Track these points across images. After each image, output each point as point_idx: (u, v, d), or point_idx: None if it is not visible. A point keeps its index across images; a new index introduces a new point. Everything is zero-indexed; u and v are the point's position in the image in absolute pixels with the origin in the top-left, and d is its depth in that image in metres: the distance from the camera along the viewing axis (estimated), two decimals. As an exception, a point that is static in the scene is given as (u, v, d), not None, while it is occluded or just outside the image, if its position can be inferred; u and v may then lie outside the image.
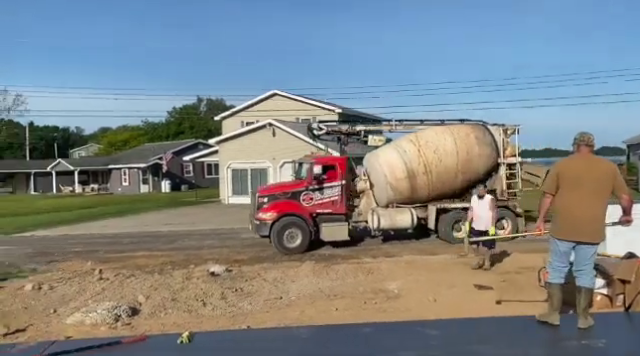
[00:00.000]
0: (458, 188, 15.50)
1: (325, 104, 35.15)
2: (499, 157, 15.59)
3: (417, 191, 15.10)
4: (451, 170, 15.04)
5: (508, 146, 15.78)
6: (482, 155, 15.31)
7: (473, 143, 15.28)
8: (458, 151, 15.06)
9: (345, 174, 15.02)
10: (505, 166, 15.64)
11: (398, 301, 8.20)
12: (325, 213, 14.70)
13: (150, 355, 3.63)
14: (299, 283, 9.76)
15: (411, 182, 14.94)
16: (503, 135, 15.78)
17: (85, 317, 7.18)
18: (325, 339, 4.49)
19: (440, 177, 15.03)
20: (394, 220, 14.87)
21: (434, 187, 15.12)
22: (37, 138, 78.42)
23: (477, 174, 15.28)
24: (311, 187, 14.67)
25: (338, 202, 14.80)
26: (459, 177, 15.15)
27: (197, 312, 7.97)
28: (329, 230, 14.50)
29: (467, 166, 15.12)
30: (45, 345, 3.50)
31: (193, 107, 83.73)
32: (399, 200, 15.14)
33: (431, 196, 15.31)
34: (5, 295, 9.33)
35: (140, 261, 13.12)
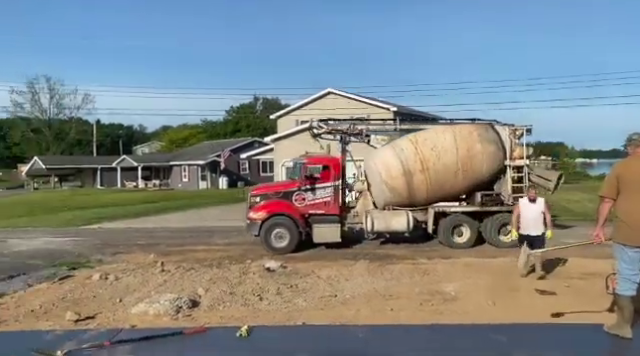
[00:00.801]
0: (461, 190, 14.81)
1: (380, 102, 34.87)
2: (506, 158, 14.74)
3: (415, 191, 14.47)
4: (450, 168, 14.30)
5: (516, 147, 14.86)
6: (485, 153, 14.46)
7: (475, 140, 14.52)
8: (458, 148, 14.33)
9: (339, 175, 14.77)
10: (512, 168, 14.71)
11: (455, 304, 8.02)
12: (318, 214, 14.48)
13: (210, 346, 3.72)
14: (353, 282, 9.75)
15: (407, 181, 14.36)
16: (511, 135, 14.87)
17: (149, 307, 7.47)
18: (382, 339, 4.45)
19: (438, 175, 14.34)
20: (389, 223, 14.38)
21: (433, 187, 14.43)
22: (103, 135, 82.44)
23: (481, 174, 14.54)
24: (303, 187, 14.53)
25: (331, 203, 14.58)
26: (460, 176, 14.38)
27: (254, 306, 8.12)
28: (320, 231, 14.28)
29: (468, 164, 14.33)
30: (114, 333, 3.65)
31: (250, 106, 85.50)
32: (397, 202, 14.64)
33: (431, 198, 14.62)
34: (75, 284, 9.88)
35: (199, 255, 13.53)
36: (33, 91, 72.79)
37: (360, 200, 15.15)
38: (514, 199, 14.29)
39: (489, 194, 14.71)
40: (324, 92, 35.67)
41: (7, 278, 10.89)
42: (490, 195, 14.70)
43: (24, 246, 15.47)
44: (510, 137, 14.89)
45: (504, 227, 14.14)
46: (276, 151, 30.98)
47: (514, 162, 14.76)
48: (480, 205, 14.56)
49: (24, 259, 13.28)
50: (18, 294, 9.31)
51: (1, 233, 18.74)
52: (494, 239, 14.28)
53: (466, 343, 4.39)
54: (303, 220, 14.31)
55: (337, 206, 14.67)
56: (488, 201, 14.59)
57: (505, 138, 14.85)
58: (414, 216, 14.49)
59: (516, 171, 14.79)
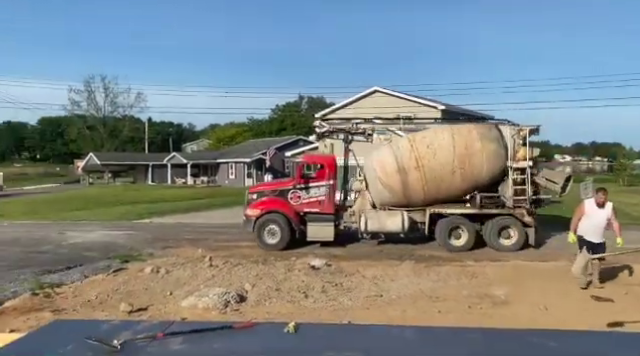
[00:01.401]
0: (460, 190, 14.15)
1: (427, 101, 34.37)
2: (508, 159, 13.95)
3: (410, 189, 14.04)
4: (446, 166, 13.78)
5: (520, 148, 14.01)
6: (485, 151, 13.79)
7: (474, 138, 13.96)
8: (455, 146, 13.84)
9: (333, 174, 14.73)
10: (513, 170, 13.93)
11: (506, 308, 7.82)
12: (313, 212, 14.50)
13: (259, 341, 3.72)
14: (399, 282, 9.67)
15: (402, 179, 13.95)
16: (515, 136, 14.07)
17: (198, 301, 7.66)
18: (430, 340, 4.31)
19: (434, 173, 13.85)
20: (383, 223, 14.15)
21: (429, 186, 13.95)
22: (154, 133, 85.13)
23: (480, 174, 13.91)
24: (299, 186, 14.62)
25: (325, 202, 14.56)
26: (457, 175, 13.82)
27: (299, 303, 8.18)
28: (314, 229, 14.33)
29: (466, 162, 13.76)
30: (166, 325, 3.72)
31: (295, 105, 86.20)
32: (394, 201, 14.29)
33: (429, 198, 14.15)
34: (128, 276, 10.25)
35: (245, 251, 13.75)
36: (89, 90, 76.00)
37: (358, 199, 14.99)
38: (515, 202, 13.82)
39: (489, 196, 14.12)
40: (370, 90, 35.48)
41: (65, 269, 11.42)
42: (490, 197, 14.11)
43: (80, 238, 16.17)
44: (514, 137, 14.12)
45: (505, 230, 13.84)
46: (321, 149, 31.05)
47: (517, 163, 13.96)
48: (479, 207, 14.02)
49: (80, 251, 13.88)
50: (75, 284, 9.75)
51: (59, 225, 19.65)
52: (494, 242, 13.85)
53: (518, 348, 4.21)
54: (298, 218, 14.44)
55: (331, 205, 14.68)
56: (488, 203, 14.04)
57: (508, 138, 14.11)
58: (411, 217, 14.20)
59: (519, 173, 14.00)
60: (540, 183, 14.25)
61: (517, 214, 13.75)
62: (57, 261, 12.26)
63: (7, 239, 16.11)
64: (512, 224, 13.83)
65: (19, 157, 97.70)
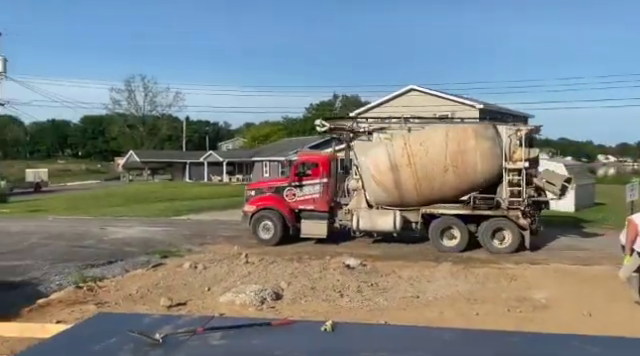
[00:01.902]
0: (453, 189, 13.82)
1: (465, 99, 33.80)
2: (505, 160, 13.49)
3: (403, 187, 13.82)
4: (438, 163, 13.55)
5: (517, 149, 13.52)
6: (479, 149, 13.45)
7: (469, 136, 13.67)
8: (448, 143, 13.60)
9: (328, 172, 14.93)
10: (509, 171, 13.51)
11: (547, 312, 7.61)
12: (307, 209, 14.78)
13: (296, 339, 3.72)
14: (436, 284, 9.53)
15: (395, 176, 13.78)
16: (513, 136, 13.62)
17: (235, 297, 7.76)
18: (470, 343, 4.24)
19: (426, 170, 13.63)
20: (375, 222, 14.14)
21: (421, 184, 13.70)
22: (192, 131, 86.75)
23: (474, 172, 13.53)
24: (294, 183, 14.93)
25: (319, 199, 14.79)
26: (450, 172, 13.52)
27: (335, 302, 8.18)
28: (307, 226, 14.63)
29: (459, 160, 13.47)
30: (205, 320, 3.77)
31: (329, 103, 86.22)
32: (388, 200, 14.14)
33: (423, 198, 13.90)
34: (167, 271, 10.47)
35: (280, 249, 13.85)
36: (130, 89, 78.05)
37: (354, 198, 14.88)
38: (510, 203, 13.45)
39: (483, 197, 13.80)
40: (406, 89, 35.13)
41: (107, 263, 11.77)
42: (484, 198, 13.77)
43: (120, 234, 16.62)
44: (511, 137, 13.67)
45: (499, 232, 13.57)
46: (355, 148, 30.91)
47: (513, 164, 13.49)
48: (472, 208, 13.73)
49: (121, 246, 14.27)
50: (117, 279, 10.04)
51: (101, 221, 20.26)
52: (487, 244, 13.59)
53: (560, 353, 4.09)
54: (293, 214, 14.79)
55: (325, 202, 14.85)
56: (481, 204, 13.72)
57: (504, 138, 13.67)
58: (405, 217, 14.06)
59: (515, 174, 13.55)
60: (538, 185, 13.87)
61: (511, 216, 13.44)
62: (99, 255, 12.65)
63: (52, 233, 16.71)
64: (506, 226, 13.56)
65: (62, 154, 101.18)
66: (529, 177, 13.75)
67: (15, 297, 8.75)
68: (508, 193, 13.53)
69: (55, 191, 39.46)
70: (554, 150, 72.36)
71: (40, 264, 11.55)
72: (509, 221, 13.48)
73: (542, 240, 14.43)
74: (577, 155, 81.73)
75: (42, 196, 33.72)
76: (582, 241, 15.34)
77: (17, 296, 8.82)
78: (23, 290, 9.29)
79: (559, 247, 14.28)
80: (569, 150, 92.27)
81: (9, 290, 9.22)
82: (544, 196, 14.05)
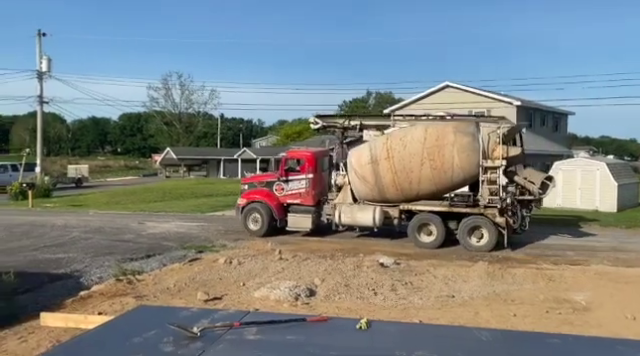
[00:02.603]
0: (432, 183, 13.84)
1: (501, 96, 33.10)
2: (484, 158, 13.39)
3: (382, 181, 14.07)
4: (415, 156, 13.70)
5: (497, 147, 13.39)
6: (457, 144, 13.48)
7: (448, 132, 13.77)
8: (426, 138, 13.82)
9: (313, 168, 15.54)
10: (486, 168, 13.44)
11: (587, 314, 7.39)
12: (294, 203, 15.52)
13: (331, 335, 3.72)
14: (471, 283, 9.38)
15: (374, 168, 14.11)
16: (492, 133, 13.49)
17: (270, 293, 7.84)
18: (507, 344, 4.17)
19: (404, 163, 13.82)
20: (355, 216, 14.54)
21: (398, 176, 13.89)
22: (226, 129, 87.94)
23: (451, 167, 13.54)
24: (282, 178, 15.67)
25: (305, 194, 15.45)
26: (426, 165, 13.61)
27: (368, 300, 8.16)
28: (293, 219, 15.37)
29: (435, 153, 13.55)
30: (241, 314, 3.83)
31: (362, 100, 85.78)
32: (371, 196, 14.49)
33: (402, 191, 14.08)
34: (203, 266, 10.67)
35: (312, 245, 13.89)
36: (167, 87, 79.52)
37: (340, 193, 15.19)
38: (488, 201, 13.43)
39: (460, 194, 13.97)
40: (441, 86, 34.63)
41: (145, 257, 12.07)
42: (462, 196, 13.91)
43: (158, 229, 17.00)
44: (490, 135, 13.58)
45: (477, 230, 13.60)
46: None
47: (493, 162, 13.41)
48: (449, 205, 13.84)
49: (158, 240, 14.61)
50: (154, 272, 10.28)
51: (139, 216, 20.77)
52: (464, 242, 13.67)
53: None
54: (281, 208, 15.57)
55: (311, 197, 15.45)
56: (458, 202, 13.81)
57: (484, 135, 13.57)
58: (385, 212, 14.32)
59: (493, 172, 13.47)
60: (519, 183, 13.78)
61: (488, 214, 13.42)
62: (137, 249, 12.99)
63: (93, 227, 17.25)
64: (483, 224, 13.56)
65: (102, 151, 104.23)
66: (511, 175, 13.77)
67: (59, 289, 9.09)
68: (485, 191, 13.54)
69: (95, 186, 40.68)
70: (595, 148, 70.05)
71: (82, 257, 11.95)
72: (486, 219, 13.50)
73: (577, 241, 14.03)
74: (620, 153, 78.82)
75: (83, 191, 34.82)
76: (625, 243, 14.81)
77: (61, 288, 9.16)
78: (66, 282, 9.63)
79: (600, 249, 13.84)
80: (611, 148, 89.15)
81: (54, 282, 9.58)
82: (529, 195, 13.86)
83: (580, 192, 23.22)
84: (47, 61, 34.01)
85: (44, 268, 10.72)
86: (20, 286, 8.48)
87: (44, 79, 34.31)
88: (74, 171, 46.34)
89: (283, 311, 6.50)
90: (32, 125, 48.33)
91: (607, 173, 22.89)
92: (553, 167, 24.46)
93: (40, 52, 33.99)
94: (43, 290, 8.95)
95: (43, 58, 33.96)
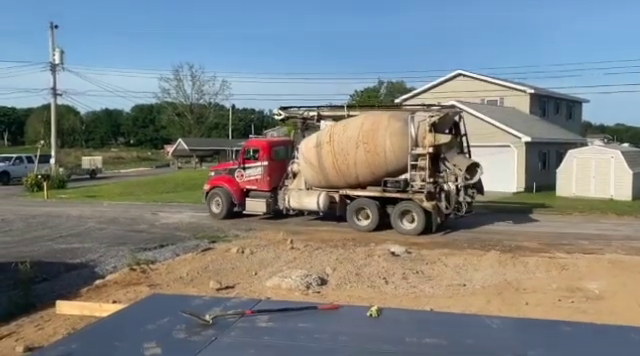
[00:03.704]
0: (366, 166, 14.47)
1: (514, 84, 32.70)
2: (414, 145, 14.05)
3: (324, 164, 14.91)
4: (352, 139, 14.53)
5: (427, 135, 13.94)
6: (389, 128, 14.25)
7: (384, 118, 14.72)
8: (364, 123, 14.74)
9: (268, 156, 16.68)
10: (415, 156, 14.10)
11: (600, 303, 7.34)
12: (252, 189, 16.81)
13: (342, 323, 3.76)
14: (483, 272, 9.36)
15: (317, 151, 15.03)
16: (423, 122, 14.05)
17: (281, 281, 7.90)
18: (520, 332, 4.18)
19: (341, 146, 14.65)
20: (302, 201, 15.62)
21: (337, 158, 14.69)
22: (237, 119, 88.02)
23: (383, 150, 14.20)
24: (241, 166, 16.97)
25: (260, 180, 16.67)
26: (361, 148, 14.33)
27: (380, 289, 8.18)
28: (250, 203, 16.71)
29: (370, 136, 14.29)
30: (253, 303, 3.88)
31: (374, 90, 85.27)
32: (315, 179, 15.39)
33: (341, 175, 14.85)
34: (216, 255, 10.76)
35: (324, 235, 13.93)
36: (178, 78, 79.67)
37: (295, 180, 16.16)
38: (420, 187, 14.12)
39: (392, 180, 14.55)
40: (453, 74, 34.24)
41: (158, 247, 12.21)
42: (394, 182, 14.51)
43: (171, 219, 17.17)
44: (420, 123, 14.12)
45: (408, 214, 14.38)
46: None
47: (421, 149, 14.03)
48: (382, 191, 14.58)
49: (171, 230, 14.75)
50: (168, 262, 10.40)
51: (152, 206, 20.97)
52: (397, 226, 14.50)
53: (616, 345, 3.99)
54: (240, 193, 16.90)
55: (266, 183, 16.61)
56: (390, 188, 14.52)
57: (415, 123, 14.17)
58: (330, 197, 15.24)
59: (422, 158, 14.12)
60: (448, 168, 14.35)
61: (416, 199, 14.12)
62: (151, 239, 13.13)
63: (107, 218, 17.46)
64: (413, 209, 14.30)
65: (115, 142, 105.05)
66: (442, 162, 14.35)
67: (75, 278, 9.24)
68: (414, 177, 14.22)
69: (109, 178, 41.06)
70: (609, 136, 69.03)
71: (96, 247, 12.12)
72: (416, 204, 14.16)
73: (591, 229, 13.92)
74: (635, 141, 77.78)
75: (97, 182, 35.18)
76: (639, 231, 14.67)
77: (77, 277, 9.31)
78: (82, 271, 9.78)
79: (615, 237, 13.72)
80: (626, 136, 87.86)
81: (69, 271, 9.74)
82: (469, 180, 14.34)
83: (594, 180, 22.97)
84: (60, 53, 34.22)
85: (60, 258, 10.90)
86: (37, 275, 8.63)
87: (57, 71, 34.54)
88: (88, 163, 46.71)
89: (295, 299, 6.55)
90: (46, 117, 48.84)
91: (622, 161, 22.60)
92: (567, 155, 24.21)
93: (53, 44, 34.19)
94: (59, 279, 9.11)
95: (56, 50, 34.17)
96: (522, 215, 17.77)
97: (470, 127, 25.91)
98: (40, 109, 73.38)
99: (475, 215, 15.98)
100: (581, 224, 16.14)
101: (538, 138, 26.21)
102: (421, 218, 14.15)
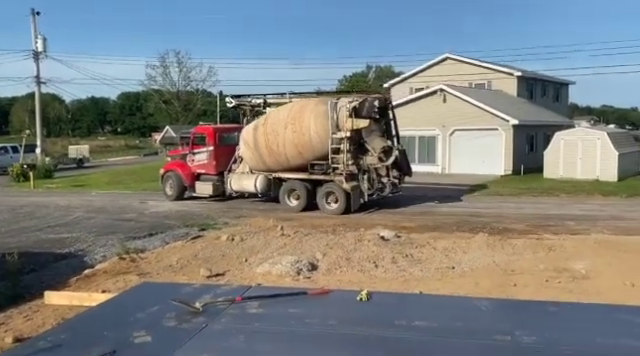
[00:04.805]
0: (294, 146, 15.39)
1: (502, 67, 32.78)
2: (335, 129, 14.99)
3: (259, 145, 15.94)
4: (282, 121, 15.65)
5: (347, 120, 14.87)
6: (314, 111, 15.26)
7: (312, 102, 15.88)
8: (294, 106, 16.00)
9: (214, 142, 17.66)
10: (336, 139, 15.03)
11: (586, 283, 7.47)
12: (201, 173, 17.95)
13: (333, 307, 3.78)
14: (472, 255, 9.45)
15: (254, 134, 16.15)
16: (344, 108, 14.97)
17: (272, 268, 7.92)
18: (507, 312, 4.22)
19: (273, 127, 15.75)
20: (242, 184, 16.91)
21: (269, 139, 15.70)
22: (225, 106, 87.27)
23: (308, 131, 15.15)
24: (191, 151, 18.15)
25: (207, 164, 17.77)
26: (289, 129, 15.34)
27: (370, 273, 8.24)
28: (199, 186, 17.91)
29: (297, 118, 15.36)
30: (243, 289, 3.88)
31: (362, 75, 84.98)
32: (253, 162, 16.47)
33: (273, 156, 15.79)
34: (206, 243, 10.75)
35: (315, 221, 13.96)
36: (164, 65, 78.63)
37: (241, 164, 17.23)
38: (333, 170, 15.14)
39: (317, 163, 15.52)
40: (441, 58, 34.24)
41: (148, 235, 12.17)
42: (319, 165, 15.47)
43: (160, 208, 17.08)
44: (341, 108, 15.03)
45: (331, 195, 15.43)
46: None
47: (340, 133, 14.91)
48: (309, 173, 15.68)
49: (160, 219, 14.69)
50: (157, 250, 10.38)
51: (141, 195, 20.83)
52: (321, 205, 15.62)
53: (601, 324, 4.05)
54: (191, 177, 18.11)
55: (213, 167, 17.66)
56: (316, 170, 15.57)
57: (338, 108, 15.06)
58: (267, 179, 16.41)
59: (342, 141, 14.96)
60: (368, 151, 15.27)
61: (337, 181, 15.14)
62: (140, 228, 13.07)
63: (95, 207, 17.34)
64: (335, 190, 15.33)
65: (102, 131, 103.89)
66: (363, 145, 15.32)
67: (63, 268, 9.19)
68: (335, 159, 15.16)
69: (97, 167, 40.69)
70: (596, 118, 69.65)
71: (85, 236, 12.04)
72: (337, 185, 15.19)
73: (578, 210, 14.09)
74: (621, 122, 78.51)
75: (85, 171, 34.85)
76: (625, 211, 14.88)
77: (65, 267, 9.26)
78: (70, 261, 9.73)
79: (601, 217, 13.92)
80: (613, 117, 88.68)
81: (58, 261, 9.68)
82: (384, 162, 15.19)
83: (581, 162, 23.21)
84: (42, 41, 33.64)
85: (48, 248, 10.83)
86: (25, 266, 8.57)
87: (41, 59, 34.00)
88: (75, 152, 46.21)
89: (285, 285, 6.58)
90: (31, 106, 48.08)
91: (608, 142, 22.83)
92: (554, 137, 24.40)
93: (35, 31, 33.58)
94: (47, 270, 9.06)
95: (38, 37, 33.58)
96: (509, 198, 17.96)
97: (458, 111, 26.26)
98: (25, 98, 72.22)
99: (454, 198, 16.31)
100: (568, 205, 16.34)
101: (525, 121, 26.37)
102: (342, 199, 15.16)
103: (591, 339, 3.73)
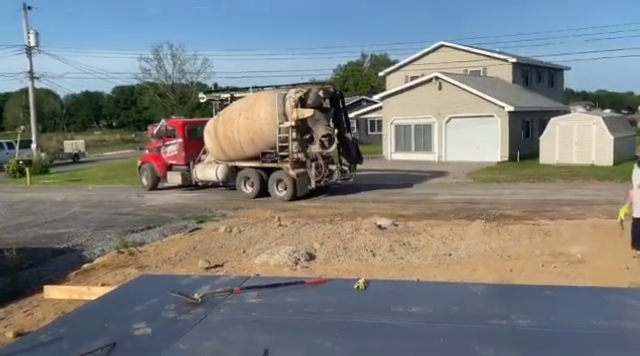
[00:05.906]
0: (247, 132, 16.31)
1: (497, 54, 32.71)
2: (282, 118, 15.76)
3: (218, 134, 16.91)
4: (237, 110, 16.84)
5: (293, 110, 15.61)
6: (265, 100, 16.32)
7: (265, 93, 17.03)
8: (250, 96, 17.29)
9: (183, 134, 18.69)
10: (282, 128, 15.81)
11: (582, 266, 7.53)
12: (173, 164, 18.93)
13: (330, 296, 3.82)
14: (468, 241, 9.51)
15: (215, 123, 17.26)
16: (291, 98, 15.69)
17: (270, 258, 7.96)
18: (503, 298, 4.27)
19: (229, 116, 16.88)
20: (205, 173, 17.87)
21: (225, 127, 16.70)
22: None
23: (259, 119, 16.10)
24: (164, 144, 19.08)
25: (178, 156, 18.77)
26: (242, 116, 16.42)
27: (367, 261, 8.29)
28: (170, 176, 18.92)
29: (250, 106, 16.53)
30: (242, 280, 3.92)
31: (357, 64, 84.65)
32: (215, 152, 17.37)
33: (229, 142, 16.71)
34: (204, 235, 10.78)
35: (312, 212, 14.00)
36: (158, 58, 78.07)
37: (208, 155, 18.03)
38: (281, 158, 16.01)
39: (268, 152, 16.48)
40: (436, 45, 34.13)
41: (146, 229, 12.19)
42: (269, 153, 16.42)
43: (157, 201, 17.09)
44: (288, 98, 15.78)
45: (281, 182, 16.24)
46: (385, 109, 30.51)
47: (290, 122, 15.64)
48: (261, 161, 16.64)
49: (158, 212, 14.71)
50: (156, 243, 10.40)
51: (138, 189, 20.71)
52: (272, 192, 16.48)
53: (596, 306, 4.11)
54: (164, 167, 19.10)
55: (182, 158, 18.66)
56: (267, 158, 16.56)
57: (286, 98, 15.81)
58: (227, 168, 17.24)
59: (288, 130, 15.73)
60: (313, 139, 15.94)
61: (285, 168, 15.92)
62: (138, 222, 13.09)
63: (93, 202, 17.33)
64: (284, 177, 16.12)
65: (97, 125, 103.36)
66: (309, 134, 16.04)
67: (62, 263, 9.22)
68: (284, 148, 15.92)
69: (93, 161, 40.57)
70: (592, 103, 69.60)
71: (83, 231, 12.06)
72: (285, 173, 15.98)
73: (575, 195, 14.14)
74: (617, 107, 78.51)
75: (81, 166, 34.75)
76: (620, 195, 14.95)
77: (64, 262, 9.28)
78: (69, 256, 9.76)
79: (597, 202, 13.99)
80: (608, 102, 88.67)
81: (57, 256, 9.71)
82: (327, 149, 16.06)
83: (576, 147, 23.27)
84: (35, 35, 33.39)
85: (46, 243, 10.84)
86: (24, 262, 8.59)
87: (33, 54, 33.79)
88: (71, 147, 46.01)
89: (283, 275, 6.62)
90: (25, 102, 47.76)
91: (603, 127, 22.88)
92: (550, 123, 24.44)
93: (27, 26, 33.31)
94: (46, 265, 9.08)
95: (30, 32, 33.32)
96: (505, 185, 18.02)
97: (454, 98, 26.23)
98: (18, 93, 71.67)
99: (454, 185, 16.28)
100: (564, 190, 16.42)
101: (521, 107, 26.39)
102: (290, 185, 15.91)
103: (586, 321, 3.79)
